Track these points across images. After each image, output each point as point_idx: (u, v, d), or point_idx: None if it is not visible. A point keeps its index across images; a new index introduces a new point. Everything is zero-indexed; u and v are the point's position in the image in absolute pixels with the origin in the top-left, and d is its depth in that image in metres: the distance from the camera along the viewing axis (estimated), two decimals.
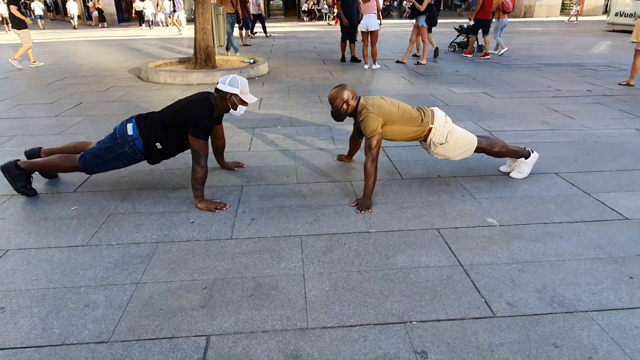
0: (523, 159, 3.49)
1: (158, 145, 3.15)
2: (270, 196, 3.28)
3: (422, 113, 3.30)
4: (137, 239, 2.71)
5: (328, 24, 22.59)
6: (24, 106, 6.15)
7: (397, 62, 9.76)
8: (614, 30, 16.52)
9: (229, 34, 10.55)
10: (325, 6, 24.26)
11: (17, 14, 9.31)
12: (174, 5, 20.68)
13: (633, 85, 6.93)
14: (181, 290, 2.22)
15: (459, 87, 7.06)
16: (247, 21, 13.92)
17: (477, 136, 3.38)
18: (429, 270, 2.36)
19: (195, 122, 2.98)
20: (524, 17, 25.24)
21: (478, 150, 3.39)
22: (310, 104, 6.08)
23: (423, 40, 9.57)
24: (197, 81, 7.70)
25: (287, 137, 4.63)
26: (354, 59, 10.06)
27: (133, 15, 24.17)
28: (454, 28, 11.70)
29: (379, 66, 9.13)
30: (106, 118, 5.48)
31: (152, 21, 22.72)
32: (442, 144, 3.30)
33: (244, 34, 13.88)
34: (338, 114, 3.28)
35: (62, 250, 2.58)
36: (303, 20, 23.45)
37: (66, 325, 1.98)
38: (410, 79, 7.90)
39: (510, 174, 3.54)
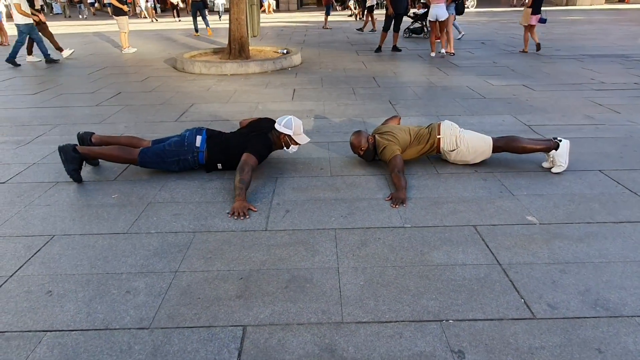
0: (554, 151, 3.38)
1: (219, 166, 3.50)
2: (304, 188, 3.29)
3: (430, 128, 3.56)
4: (175, 228, 2.77)
5: (349, 15, 21.91)
6: (67, 95, 6.37)
7: (448, 53, 9.38)
8: None
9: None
10: None
11: (116, 2, 10.48)
12: None
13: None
14: (218, 280, 2.26)
15: (496, 79, 6.86)
16: (329, 6, 16.24)
17: (494, 137, 3.48)
18: (466, 268, 2.32)
19: (254, 147, 3.29)
20: (567, 5, 24.24)
21: (496, 149, 3.46)
22: (343, 96, 6.04)
23: (447, 30, 9.25)
24: (231, 71, 7.77)
25: (320, 129, 4.63)
26: (395, 49, 9.98)
27: (168, 6, 24.60)
28: (408, 15, 11.61)
29: (445, 53, 9.21)
30: (144, 108, 5.61)
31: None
32: (453, 150, 3.48)
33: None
34: (366, 156, 3.57)
35: (105, 237, 2.67)
36: (336, 10, 23.24)
37: (109, 311, 2.05)
38: (445, 70, 7.74)
39: (552, 170, 3.43)
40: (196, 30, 14.29)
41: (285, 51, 9.12)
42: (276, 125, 3.45)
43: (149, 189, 3.30)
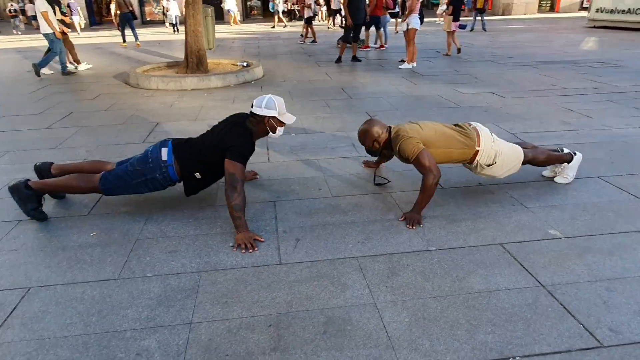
0: (566, 163, 3.34)
1: (197, 175, 2.95)
2: (308, 212, 3.03)
3: (465, 134, 3.00)
4: (176, 268, 2.42)
5: (328, 27, 21.63)
6: (9, 118, 5.72)
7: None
8: (595, 27, 16.79)
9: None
10: (317, 5, 23.60)
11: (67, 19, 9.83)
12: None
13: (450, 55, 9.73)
14: (244, 330, 1.95)
15: (464, 87, 6.93)
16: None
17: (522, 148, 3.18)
18: (511, 293, 2.16)
19: (233, 148, 2.76)
20: (503, 14, 25.53)
21: (523, 163, 3.16)
22: (318, 109, 5.83)
23: (409, 42, 9.23)
24: (192, 86, 7.36)
25: (304, 146, 4.38)
26: (355, 59, 9.95)
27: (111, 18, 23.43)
28: (339, 26, 11.96)
29: (409, 66, 9.04)
30: (103, 129, 5.11)
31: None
32: (489, 165, 3.04)
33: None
34: (372, 152, 3.11)
35: (93, 286, 2.28)
36: (282, 21, 23.06)
37: None
38: (412, 79, 7.74)
39: (555, 179, 3.38)
40: (124, 40, 14.10)
41: (245, 64, 8.80)
42: (255, 109, 2.85)
43: (132, 223, 2.91)
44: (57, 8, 8.97)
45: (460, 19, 10.65)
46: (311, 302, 2.13)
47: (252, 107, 2.91)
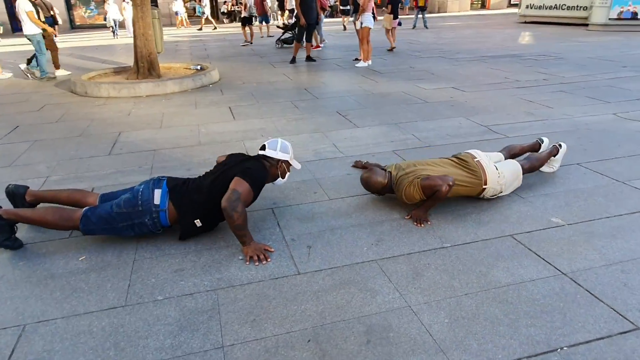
0: (553, 157, 3.46)
1: (198, 222, 2.61)
2: (310, 217, 2.93)
3: (472, 171, 2.92)
4: (187, 288, 2.24)
5: (284, 24, 21.27)
6: None
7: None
8: (525, 22, 17.81)
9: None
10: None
11: None
12: None
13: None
14: (282, 348, 1.84)
15: (424, 83, 7.07)
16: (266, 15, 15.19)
17: (520, 162, 3.19)
18: (537, 284, 2.18)
19: (248, 170, 2.61)
20: (438, 12, 26.49)
21: (523, 174, 3.18)
22: (287, 111, 5.71)
23: (366, 39, 9.33)
24: (147, 92, 6.99)
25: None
26: (310, 59, 9.87)
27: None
28: (277, 26, 12.06)
29: (365, 64, 9.08)
30: (59, 142, 4.71)
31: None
32: (493, 196, 3.03)
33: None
34: (379, 194, 3.08)
35: (99, 316, 2.06)
36: (223, 23, 22.61)
37: None
38: (371, 77, 7.80)
39: (541, 169, 3.49)
40: None
41: (198, 67, 8.49)
42: (269, 152, 2.75)
43: (123, 242, 2.68)
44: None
45: (399, 17, 11.15)
46: (344, 311, 2.04)
47: (263, 149, 2.80)
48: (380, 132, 4.63)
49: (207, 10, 21.71)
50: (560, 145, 3.46)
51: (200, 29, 20.94)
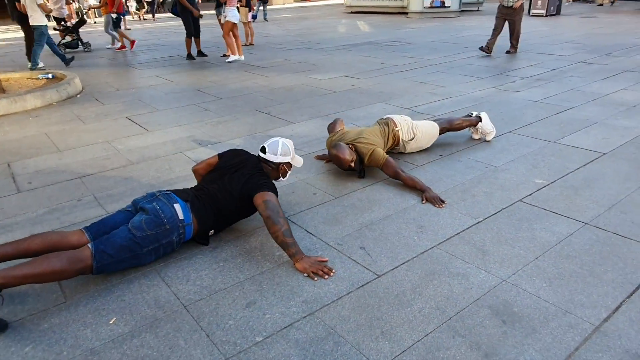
0: (480, 123, 3.93)
1: (211, 232, 2.61)
2: (333, 219, 2.82)
3: (385, 123, 3.60)
4: (279, 321, 1.97)
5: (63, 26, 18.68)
6: None
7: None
8: (352, 12, 19.36)
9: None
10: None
11: None
12: None
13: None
14: (435, 350, 1.77)
15: (316, 74, 7.21)
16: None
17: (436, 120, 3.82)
18: (576, 237, 2.51)
19: (262, 185, 2.52)
20: (268, 5, 26.85)
21: (442, 131, 3.77)
22: (200, 114, 5.25)
23: (234, 35, 9.05)
24: (2, 112, 5.64)
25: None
26: (201, 54, 9.54)
27: None
28: (54, 29, 10.88)
29: (235, 57, 8.82)
30: None
31: None
32: (412, 139, 3.63)
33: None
34: (356, 167, 3.30)
35: None
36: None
37: None
38: (259, 72, 7.63)
39: (486, 139, 3.96)
40: None
41: (49, 75, 7.15)
42: (270, 157, 2.73)
43: (151, 289, 2.21)
44: None
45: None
46: (455, 300, 2.06)
47: (263, 153, 2.76)
48: (321, 125, 4.61)
49: None
50: (479, 114, 3.94)
51: None
